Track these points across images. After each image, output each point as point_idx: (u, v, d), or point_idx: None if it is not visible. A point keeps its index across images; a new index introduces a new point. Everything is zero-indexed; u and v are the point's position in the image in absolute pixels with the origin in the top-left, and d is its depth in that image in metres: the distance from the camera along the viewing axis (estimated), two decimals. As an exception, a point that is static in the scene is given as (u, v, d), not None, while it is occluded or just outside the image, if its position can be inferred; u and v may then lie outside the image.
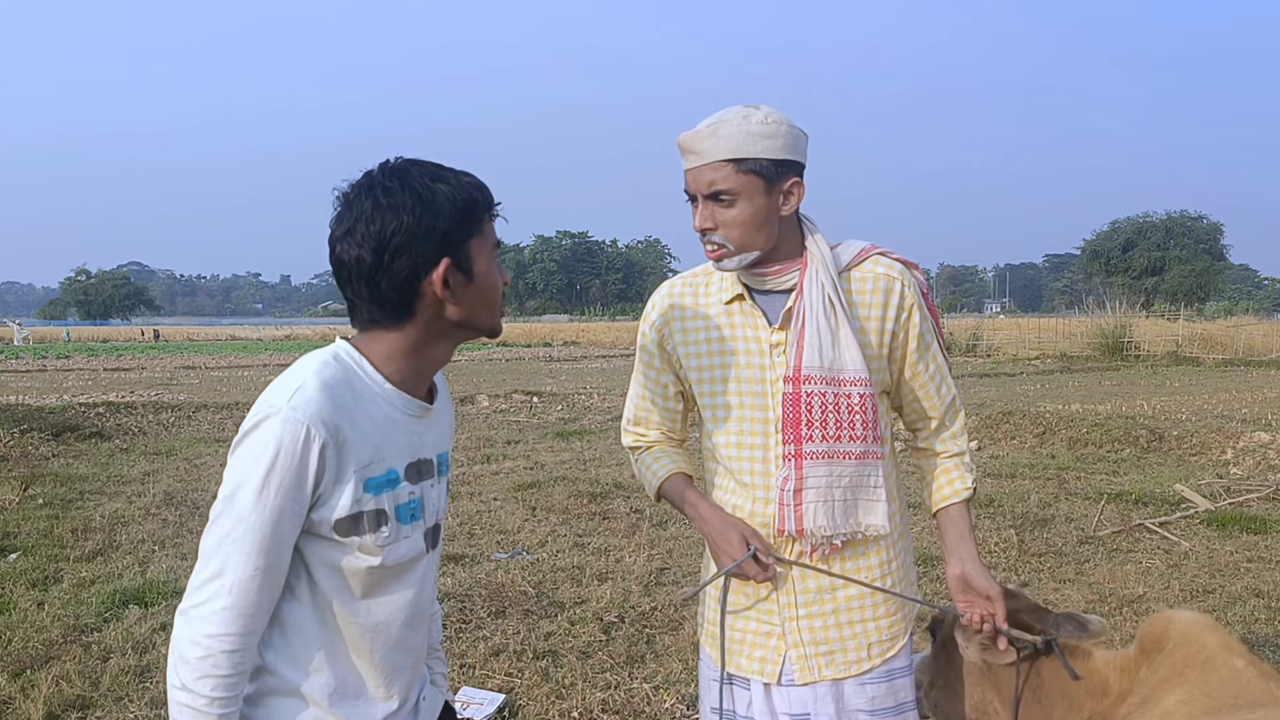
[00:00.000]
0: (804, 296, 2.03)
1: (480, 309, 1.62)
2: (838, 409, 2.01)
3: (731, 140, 1.93)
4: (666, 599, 5.52)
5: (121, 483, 9.32)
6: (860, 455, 2.04)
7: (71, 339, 58.21)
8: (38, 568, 6.21)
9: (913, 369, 2.13)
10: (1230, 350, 29.05)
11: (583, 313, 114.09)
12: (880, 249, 2.14)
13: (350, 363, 1.58)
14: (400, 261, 1.52)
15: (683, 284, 2.20)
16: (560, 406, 16.07)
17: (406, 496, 1.62)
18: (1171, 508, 7.80)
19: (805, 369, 2.00)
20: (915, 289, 2.11)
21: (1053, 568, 6.26)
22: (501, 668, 4.56)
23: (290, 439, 1.46)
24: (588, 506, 8.03)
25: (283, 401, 1.48)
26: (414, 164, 1.57)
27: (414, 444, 1.64)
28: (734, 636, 2.13)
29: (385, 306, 1.56)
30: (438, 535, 1.75)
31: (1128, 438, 11.04)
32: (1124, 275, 77.93)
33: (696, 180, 1.98)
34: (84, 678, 4.41)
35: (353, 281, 1.56)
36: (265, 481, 1.45)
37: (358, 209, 1.53)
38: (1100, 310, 34.00)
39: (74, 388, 20.05)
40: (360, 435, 1.53)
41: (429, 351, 1.63)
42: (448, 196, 1.54)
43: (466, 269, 1.57)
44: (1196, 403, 14.86)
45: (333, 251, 1.57)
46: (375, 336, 1.60)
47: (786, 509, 2.02)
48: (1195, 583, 5.88)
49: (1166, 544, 6.79)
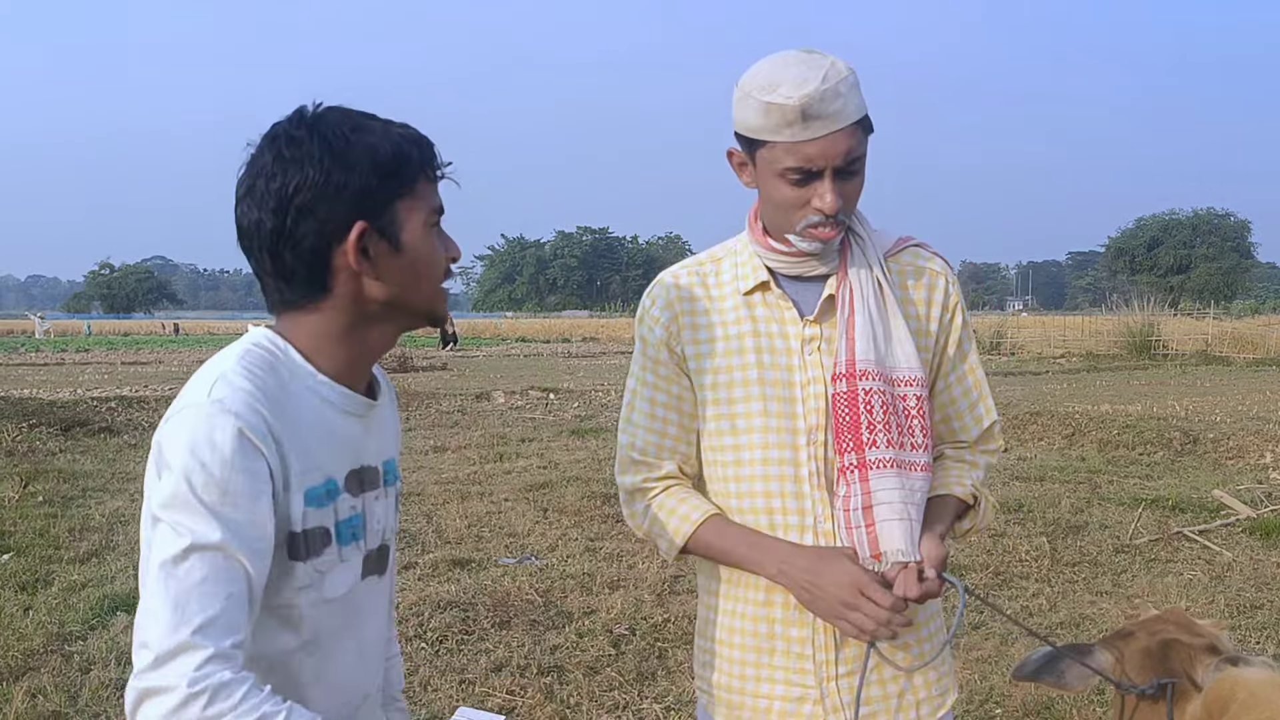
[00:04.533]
0: (849, 279, 1.71)
1: (411, 286, 1.34)
2: (897, 412, 1.68)
3: (854, 97, 1.60)
4: (680, 609, 5.24)
5: (125, 480, 9.11)
6: (924, 467, 1.69)
7: (92, 332, 58.43)
8: (29, 569, 6.00)
9: (945, 379, 1.80)
10: (1262, 350, 28.43)
11: (603, 309, 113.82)
12: (916, 240, 1.83)
13: (273, 349, 1.31)
14: (304, 225, 1.27)
15: (688, 273, 1.82)
16: (577, 404, 15.81)
17: (347, 511, 1.33)
18: (1211, 515, 7.45)
19: (860, 363, 1.66)
20: (958, 289, 1.81)
21: (1088, 578, 5.94)
22: (503, 684, 4.30)
23: (223, 433, 1.18)
24: (601, 509, 7.75)
25: (202, 396, 1.21)
26: (334, 110, 1.32)
27: (355, 448, 1.37)
28: (757, 705, 1.76)
29: (292, 281, 1.31)
30: (385, 559, 1.45)
31: (1161, 440, 10.67)
32: (1149, 273, 77.17)
33: (830, 150, 1.59)
34: (61, 691, 4.18)
35: (254, 252, 1.31)
36: (201, 494, 1.17)
37: (259, 164, 1.29)
38: (1127, 308, 33.44)
39: (89, 381, 19.95)
40: (294, 434, 1.25)
41: (360, 337, 1.36)
42: (368, 148, 1.28)
43: (392, 236, 1.31)
44: (1230, 403, 14.43)
45: (236, 216, 1.31)
46: (294, 320, 1.34)
47: (856, 531, 1.65)
48: (1241, 597, 5.55)
49: (1207, 554, 6.45)
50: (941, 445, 1.85)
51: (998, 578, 5.82)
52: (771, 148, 1.62)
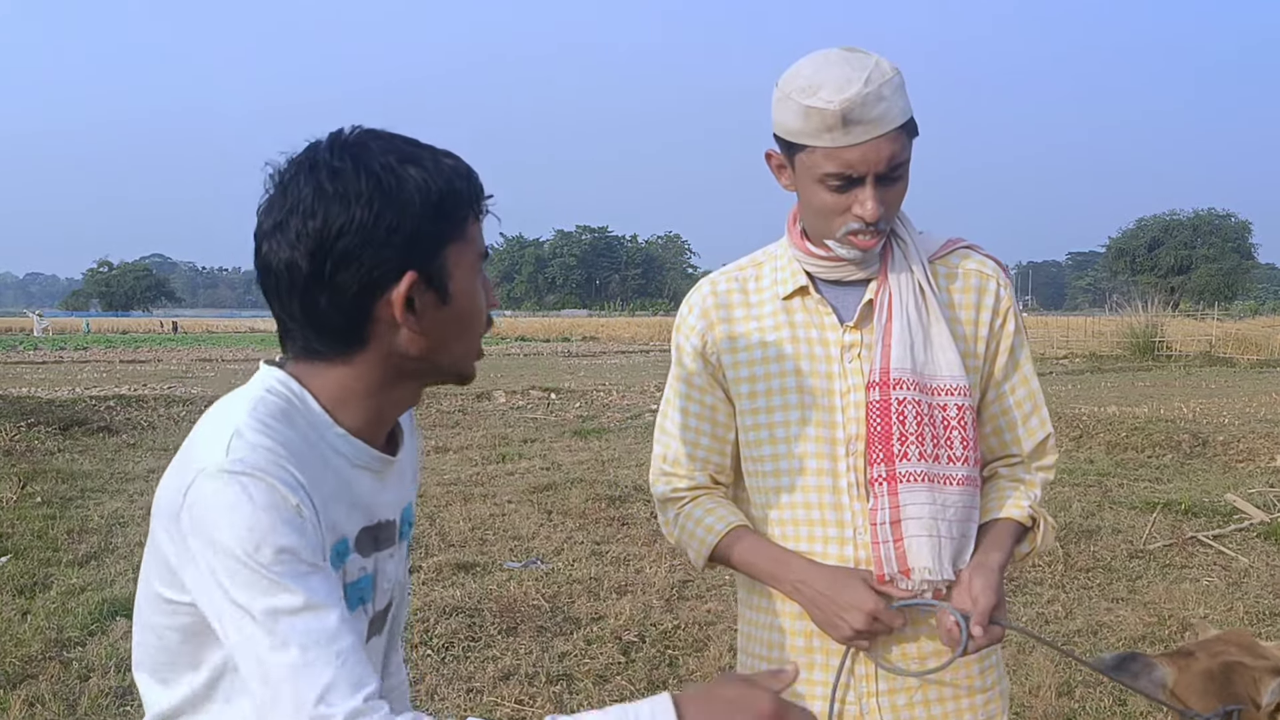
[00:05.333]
0: (888, 284, 1.63)
1: (452, 342, 1.20)
2: (933, 422, 1.59)
3: (898, 101, 1.53)
4: (690, 616, 5.14)
5: (124, 480, 9.03)
6: (963, 481, 1.61)
7: (91, 330, 58.33)
8: (27, 572, 5.90)
9: (997, 389, 1.71)
10: (1265, 351, 28.34)
11: (602, 308, 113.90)
12: (966, 242, 1.74)
13: (290, 396, 1.17)
14: (347, 273, 1.11)
15: (727, 280, 1.76)
16: (579, 404, 15.71)
17: (357, 573, 1.21)
18: (1224, 519, 7.36)
19: (895, 371, 1.59)
20: (1011, 291, 1.72)
21: (1102, 585, 5.85)
22: (512, 693, 4.20)
23: (263, 499, 1.05)
24: (606, 511, 7.66)
25: (219, 456, 1.07)
26: (376, 137, 1.15)
27: (368, 505, 1.22)
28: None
29: (325, 333, 1.15)
30: (387, 619, 1.32)
31: (1169, 442, 10.57)
32: (1150, 274, 77.18)
33: (872, 156, 1.52)
34: (60, 699, 4.08)
35: (281, 295, 1.15)
36: (269, 570, 1.05)
37: (293, 196, 1.12)
38: (1128, 309, 33.34)
39: (87, 380, 19.83)
40: (316, 491, 1.12)
41: (389, 393, 1.21)
42: (419, 185, 1.12)
43: (440, 286, 1.16)
44: (1236, 405, 14.33)
45: (258, 251, 1.15)
46: (316, 369, 1.19)
47: (884, 546, 1.58)
48: (1260, 604, 5.46)
49: (1223, 559, 6.36)
50: (994, 463, 1.76)
51: (1011, 584, 5.72)
52: (811, 152, 1.55)
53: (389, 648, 1.39)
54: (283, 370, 1.19)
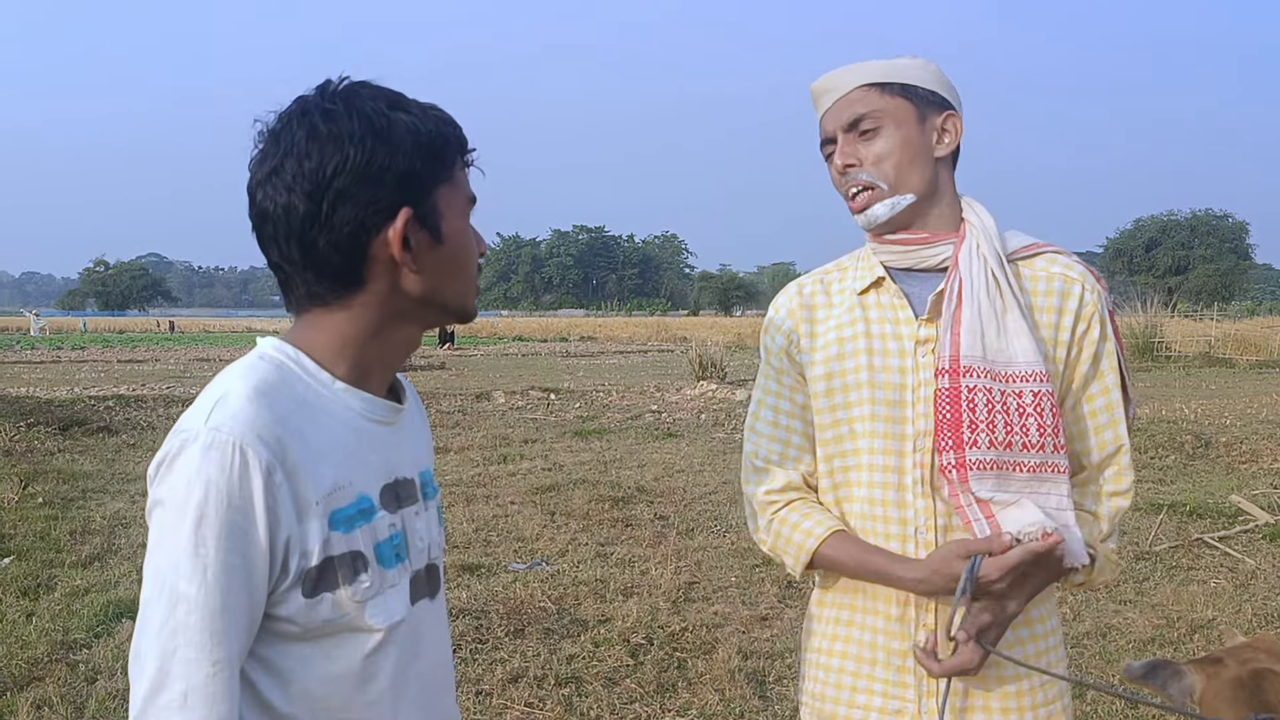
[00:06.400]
0: (958, 271, 1.60)
1: (449, 281, 1.23)
2: (1006, 410, 1.55)
3: (870, 68, 1.64)
4: (697, 618, 5.13)
5: (126, 480, 8.99)
6: (1035, 468, 1.56)
7: (88, 330, 58.20)
8: (30, 574, 5.86)
9: (1076, 396, 1.66)
10: (1265, 352, 28.32)
11: (599, 307, 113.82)
12: (1052, 246, 1.71)
13: (284, 360, 1.19)
14: (344, 210, 1.14)
15: (813, 281, 1.78)
16: (578, 404, 15.68)
17: (387, 531, 1.21)
18: (1229, 521, 7.35)
19: (965, 359, 1.55)
20: (1099, 297, 1.66)
21: (1110, 587, 5.83)
22: (521, 696, 4.18)
23: (219, 469, 1.06)
24: (609, 512, 7.64)
25: (199, 423, 1.10)
26: (364, 85, 1.20)
27: (387, 460, 1.24)
28: (851, 716, 1.67)
29: (325, 274, 1.18)
30: (435, 581, 1.33)
31: (1172, 443, 10.58)
32: (1147, 274, 77.17)
33: (835, 117, 1.65)
34: (67, 703, 4.05)
35: (280, 240, 1.17)
36: (196, 537, 1.05)
37: (286, 141, 1.15)
38: (1127, 309, 33.33)
39: (86, 380, 19.78)
40: (313, 453, 1.13)
41: (389, 337, 1.24)
42: (409, 127, 1.17)
43: (432, 226, 1.19)
44: (1238, 406, 14.33)
45: (253, 201, 1.18)
46: (314, 322, 1.21)
47: (976, 524, 1.55)
48: (1268, 606, 5.45)
49: (1229, 561, 6.35)
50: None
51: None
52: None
53: (447, 631, 1.38)
54: (276, 338, 1.21)
